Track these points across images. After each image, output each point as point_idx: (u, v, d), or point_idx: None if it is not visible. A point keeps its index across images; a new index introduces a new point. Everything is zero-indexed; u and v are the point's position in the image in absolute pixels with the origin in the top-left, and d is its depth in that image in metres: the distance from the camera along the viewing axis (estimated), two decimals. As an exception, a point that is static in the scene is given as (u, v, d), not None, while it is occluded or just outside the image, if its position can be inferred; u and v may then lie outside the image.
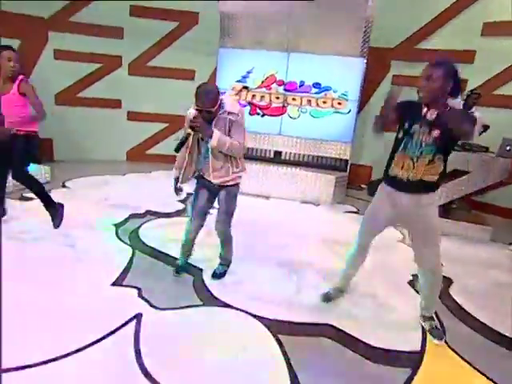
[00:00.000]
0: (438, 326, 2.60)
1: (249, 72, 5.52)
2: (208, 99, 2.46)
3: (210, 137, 2.50)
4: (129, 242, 3.61)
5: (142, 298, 2.70)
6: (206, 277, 3.06)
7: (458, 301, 3.06)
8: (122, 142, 7.17)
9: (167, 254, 3.40)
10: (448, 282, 3.35)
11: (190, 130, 2.53)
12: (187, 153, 2.64)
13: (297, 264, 3.43)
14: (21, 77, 3.33)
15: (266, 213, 4.94)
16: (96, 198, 4.75)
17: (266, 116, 5.62)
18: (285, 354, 2.24)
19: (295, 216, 4.94)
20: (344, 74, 5.23)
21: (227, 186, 2.75)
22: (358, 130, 5.72)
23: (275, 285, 3.05)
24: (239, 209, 2.91)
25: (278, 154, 5.81)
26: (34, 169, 4.79)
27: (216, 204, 2.89)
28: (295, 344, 2.34)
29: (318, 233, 4.27)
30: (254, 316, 2.58)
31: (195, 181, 2.87)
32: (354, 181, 6.32)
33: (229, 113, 2.57)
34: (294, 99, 5.47)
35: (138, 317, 2.47)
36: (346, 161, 5.60)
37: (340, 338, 2.45)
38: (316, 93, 5.38)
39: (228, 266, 3.16)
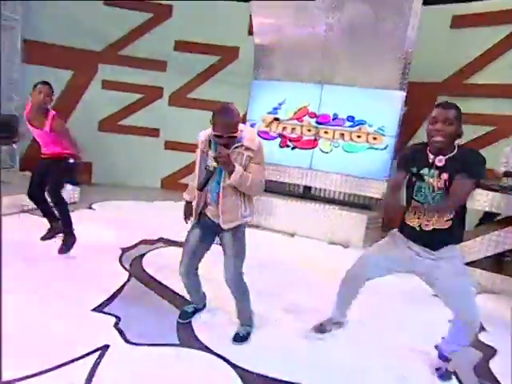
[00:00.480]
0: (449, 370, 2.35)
1: (281, 104, 5.38)
2: (231, 124, 2.09)
3: (231, 172, 2.12)
4: (128, 268, 3.43)
5: (117, 329, 2.44)
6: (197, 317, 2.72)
7: (497, 378, 2.44)
8: (158, 170, 7.28)
9: (164, 285, 3.15)
10: (491, 351, 2.73)
11: (215, 163, 2.12)
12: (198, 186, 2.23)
13: (302, 310, 2.99)
14: (52, 113, 3.33)
15: (289, 252, 4.47)
16: (115, 221, 4.72)
17: (296, 149, 5.38)
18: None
19: (320, 258, 4.46)
20: (381, 107, 4.88)
21: (233, 228, 2.32)
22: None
23: (274, 332, 2.64)
24: (259, 245, 2.58)
25: (307, 189, 5.48)
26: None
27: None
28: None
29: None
30: (233, 365, 2.20)
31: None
32: (391, 223, 5.74)
33: (246, 148, 2.19)
34: (326, 132, 5.19)
35: (103, 349, 2.20)
36: (381, 200, 5.11)
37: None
38: (350, 126, 5.06)
39: (251, 326, 2.57)
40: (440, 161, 1.97)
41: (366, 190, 5.10)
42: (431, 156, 2.00)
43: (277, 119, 5.41)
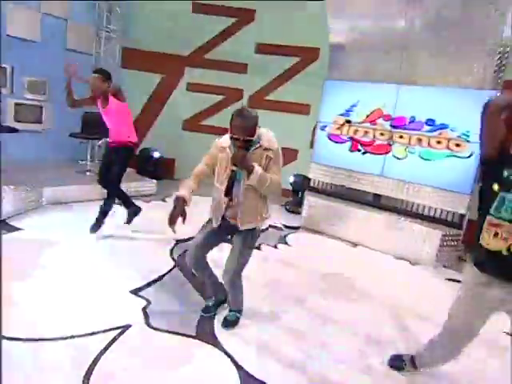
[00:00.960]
0: None
1: (353, 106, 5.08)
2: (248, 127, 2.14)
3: (250, 172, 2.13)
4: (175, 258, 3.59)
5: (144, 312, 2.58)
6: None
7: None
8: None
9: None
10: None
11: (234, 167, 2.18)
12: (223, 192, 2.24)
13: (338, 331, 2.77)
14: (111, 96, 3.60)
15: (348, 264, 4.13)
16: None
17: (367, 153, 5.03)
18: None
19: (383, 272, 4.09)
20: (467, 109, 4.27)
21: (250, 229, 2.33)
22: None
23: (292, 343, 2.51)
24: (318, 252, 2.49)
25: (376, 197, 5.09)
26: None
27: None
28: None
29: (394, 297, 3.40)
30: (239, 367, 2.14)
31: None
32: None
33: (265, 148, 2.22)
34: (401, 137, 4.74)
35: (124, 328, 2.34)
36: (462, 216, 4.49)
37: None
38: (429, 131, 4.55)
39: (240, 313, 2.64)
40: None
41: (445, 203, 4.53)
42: None
43: (348, 121, 5.13)
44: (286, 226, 5.26)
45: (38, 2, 5.59)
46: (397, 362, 2.28)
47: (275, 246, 4.36)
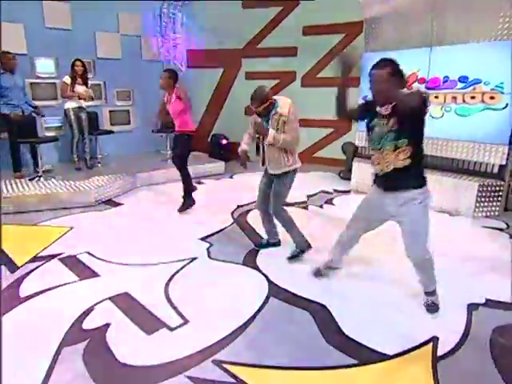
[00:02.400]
0: (435, 302, 2.58)
1: (390, 73, 5.42)
2: (255, 100, 3.01)
3: (265, 135, 3.02)
4: (235, 217, 4.52)
5: (208, 250, 3.55)
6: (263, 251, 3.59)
7: None
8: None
9: (254, 230, 4.10)
10: None
11: (257, 134, 3.19)
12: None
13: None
14: (176, 88, 4.46)
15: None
16: (245, 187, 5.83)
17: (407, 117, 5.35)
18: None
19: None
20: (499, 62, 4.39)
21: (279, 174, 3.19)
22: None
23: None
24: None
25: (419, 156, 5.38)
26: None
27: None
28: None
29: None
30: (270, 281, 2.98)
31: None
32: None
33: (280, 114, 3.01)
34: (436, 97, 4.98)
35: (193, 259, 3.34)
36: (502, 166, 4.64)
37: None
38: (462, 88, 4.73)
39: (304, 249, 3.35)
40: (386, 110, 2.23)
41: (485, 155, 4.72)
42: (378, 108, 2.28)
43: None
44: (336, 191, 5.87)
45: (117, 26, 6.90)
46: (316, 271, 2.98)
47: (321, 206, 5.05)
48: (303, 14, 7.34)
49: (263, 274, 3.09)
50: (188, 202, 4.69)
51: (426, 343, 2.25)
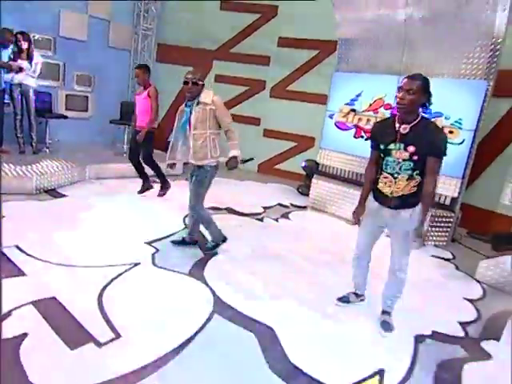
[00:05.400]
0: (391, 322, 2.67)
1: (358, 95, 5.50)
2: (193, 73, 3.12)
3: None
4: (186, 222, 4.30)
5: (152, 256, 3.30)
6: (215, 258, 3.42)
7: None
8: (256, 156, 8.09)
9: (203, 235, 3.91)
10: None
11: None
12: None
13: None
14: (151, 86, 4.73)
15: (340, 238, 4.59)
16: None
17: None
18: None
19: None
20: (460, 99, 4.58)
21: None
22: (477, 166, 4.87)
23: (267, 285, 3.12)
24: (310, 226, 3.15)
25: (378, 180, 5.47)
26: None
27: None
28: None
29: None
30: (216, 296, 2.80)
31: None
32: (472, 226, 5.35)
33: (205, 104, 3.07)
34: (400, 124, 5.11)
35: (134, 265, 3.08)
36: (454, 199, 4.80)
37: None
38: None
39: (219, 241, 3.52)
40: (405, 128, 2.25)
41: (439, 187, 4.86)
42: (397, 125, 2.29)
43: (353, 110, 5.56)
44: (294, 205, 5.82)
45: (86, 6, 6.49)
46: (343, 298, 2.94)
47: (276, 220, 4.96)
48: (280, 24, 7.33)
49: (209, 288, 2.90)
50: (165, 188, 5.07)
51: (373, 376, 2.17)
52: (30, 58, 5.22)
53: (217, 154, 3.25)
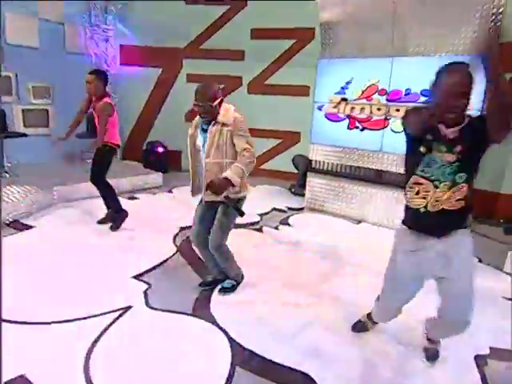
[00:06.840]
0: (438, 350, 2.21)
1: (348, 83, 5.06)
2: (201, 95, 2.39)
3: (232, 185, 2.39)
4: (178, 244, 3.73)
5: (145, 294, 2.73)
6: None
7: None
8: (238, 157, 7.58)
9: (202, 261, 3.35)
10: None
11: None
12: None
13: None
14: (105, 99, 3.80)
15: (352, 240, 4.25)
16: (186, 203, 5.05)
17: (365, 130, 5.02)
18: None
19: (386, 246, 4.15)
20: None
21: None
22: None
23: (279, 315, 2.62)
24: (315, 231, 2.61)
25: (378, 173, 5.08)
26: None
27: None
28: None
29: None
30: (231, 339, 2.27)
31: None
32: (478, 210, 5.02)
33: (223, 124, 2.42)
34: (397, 110, 4.70)
35: (126, 309, 2.50)
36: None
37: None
38: (425, 101, 4.50)
39: (237, 282, 2.89)
40: (453, 133, 1.74)
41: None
42: (442, 127, 1.76)
43: (344, 100, 5.12)
44: (290, 208, 5.35)
45: (35, 8, 5.75)
46: (358, 326, 2.43)
47: (276, 228, 4.46)
48: (251, 15, 6.79)
49: (221, 329, 2.37)
50: (119, 217, 4.02)
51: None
52: None
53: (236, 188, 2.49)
